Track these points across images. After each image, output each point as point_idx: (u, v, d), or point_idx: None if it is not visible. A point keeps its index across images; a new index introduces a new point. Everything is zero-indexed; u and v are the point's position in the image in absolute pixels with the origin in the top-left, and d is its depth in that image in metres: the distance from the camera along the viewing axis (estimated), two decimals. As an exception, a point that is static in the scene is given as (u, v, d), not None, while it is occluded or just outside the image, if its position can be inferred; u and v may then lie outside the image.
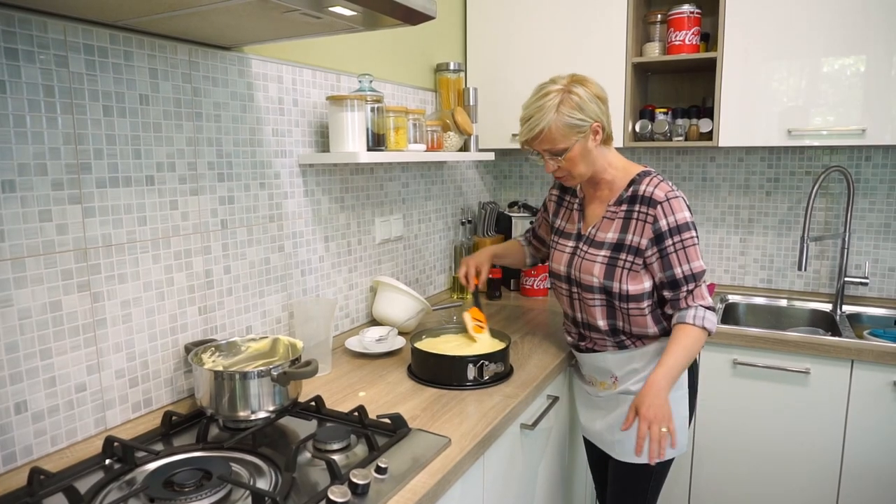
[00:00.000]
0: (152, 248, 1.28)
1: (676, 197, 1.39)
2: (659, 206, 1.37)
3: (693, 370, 1.52)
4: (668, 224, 1.37)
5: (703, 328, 1.38)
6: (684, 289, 1.39)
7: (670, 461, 1.53)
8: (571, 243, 1.54)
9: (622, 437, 1.50)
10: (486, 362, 1.44)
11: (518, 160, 2.80)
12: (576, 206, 1.57)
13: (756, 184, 2.38)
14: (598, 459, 1.74)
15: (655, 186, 1.40)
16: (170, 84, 1.29)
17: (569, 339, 1.65)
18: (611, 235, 1.45)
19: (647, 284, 1.42)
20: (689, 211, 1.40)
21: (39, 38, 1.06)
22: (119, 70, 1.19)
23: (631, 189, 1.43)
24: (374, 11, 1.08)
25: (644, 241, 1.39)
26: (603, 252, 1.45)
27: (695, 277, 1.39)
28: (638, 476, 1.52)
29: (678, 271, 1.38)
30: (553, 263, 1.58)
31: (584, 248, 1.49)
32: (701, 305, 1.39)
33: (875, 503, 1.81)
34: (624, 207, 1.44)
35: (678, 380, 1.43)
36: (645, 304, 1.44)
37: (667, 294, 1.42)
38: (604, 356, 1.53)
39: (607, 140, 1.45)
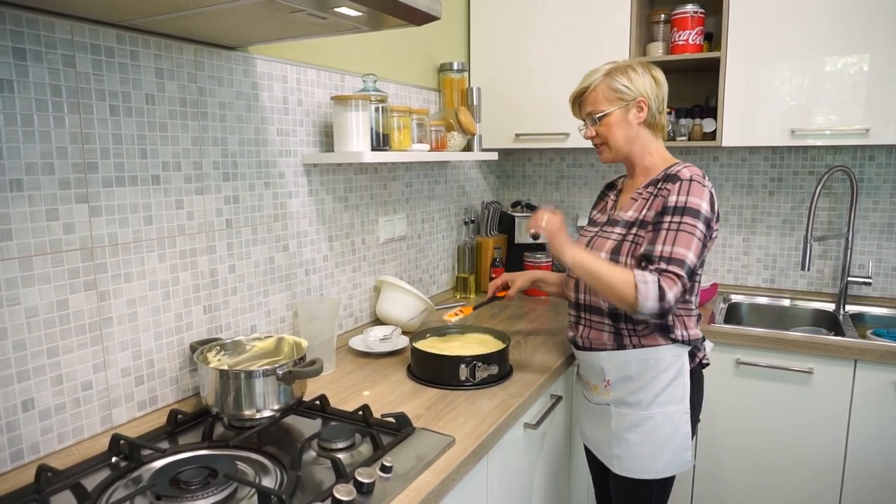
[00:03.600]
0: (158, 247, 1.29)
1: (702, 185, 1.32)
2: (678, 183, 1.32)
3: (697, 385, 1.46)
4: (676, 201, 1.31)
5: (636, 285, 1.24)
6: (653, 267, 1.27)
7: (673, 477, 1.47)
8: (596, 228, 1.51)
9: (621, 451, 1.46)
10: (479, 363, 1.43)
11: (521, 160, 2.80)
12: (612, 196, 1.56)
13: (759, 183, 2.38)
14: (598, 466, 1.66)
15: (687, 168, 1.36)
16: (175, 84, 1.29)
17: (569, 333, 1.57)
18: (630, 214, 1.42)
19: None
20: (711, 205, 1.32)
21: (47, 37, 1.07)
22: (125, 70, 1.19)
23: (665, 172, 1.40)
24: (379, 12, 1.08)
25: (652, 214, 1.35)
26: (618, 229, 1.42)
27: (670, 261, 1.26)
28: (640, 491, 1.48)
29: (658, 248, 1.28)
30: None
31: (606, 228, 1.47)
32: (658, 281, 1.24)
33: (878, 503, 1.81)
34: (651, 189, 1.40)
35: (676, 392, 1.40)
36: None
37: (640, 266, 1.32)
38: (599, 356, 1.46)
39: (654, 126, 1.43)
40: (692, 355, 1.43)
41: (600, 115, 1.41)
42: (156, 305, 1.30)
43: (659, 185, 1.38)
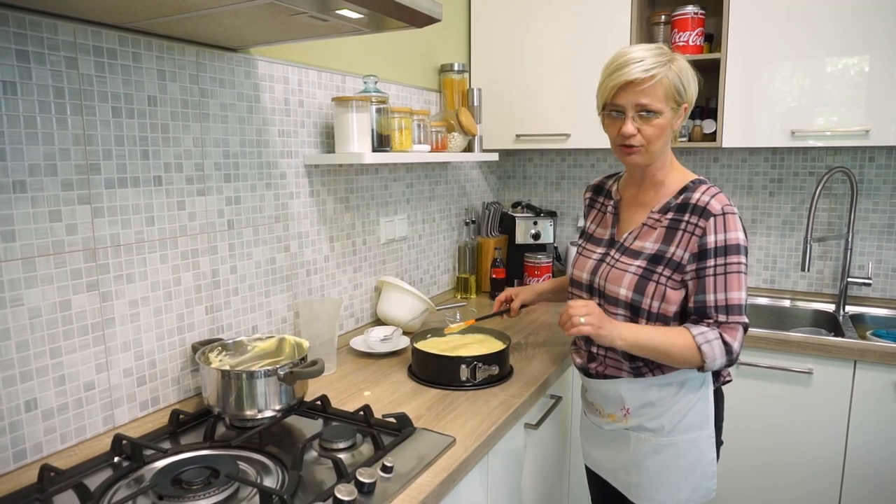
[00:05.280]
0: (160, 247, 1.29)
1: (734, 213, 1.22)
2: (712, 219, 1.20)
3: (719, 404, 1.36)
4: (716, 241, 1.20)
5: (699, 349, 1.19)
6: (712, 319, 1.21)
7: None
8: (601, 250, 1.38)
9: (640, 480, 1.34)
10: (480, 364, 1.44)
11: (522, 160, 2.81)
12: (610, 208, 1.41)
13: (759, 184, 2.38)
14: (602, 489, 1.51)
15: (712, 196, 1.23)
16: (177, 85, 1.30)
17: (577, 360, 1.45)
18: (650, 245, 1.27)
19: (679, 306, 1.26)
20: (745, 232, 1.23)
21: (50, 39, 1.07)
22: (128, 71, 1.20)
23: (682, 196, 1.26)
24: (380, 14, 1.09)
25: (687, 256, 1.23)
26: (638, 262, 1.28)
27: (728, 309, 1.20)
28: None
29: (710, 298, 1.21)
30: (575, 270, 1.42)
31: (616, 255, 1.33)
32: (721, 335, 1.20)
33: (877, 503, 1.81)
34: (670, 216, 1.27)
35: (700, 417, 1.30)
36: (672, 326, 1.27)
37: (693, 320, 1.26)
38: (616, 384, 1.33)
39: (673, 135, 1.30)
40: (716, 375, 1.34)
41: (655, 112, 1.22)
42: (158, 306, 1.30)
43: (685, 217, 1.24)
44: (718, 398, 1.37)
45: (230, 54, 1.41)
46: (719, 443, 1.38)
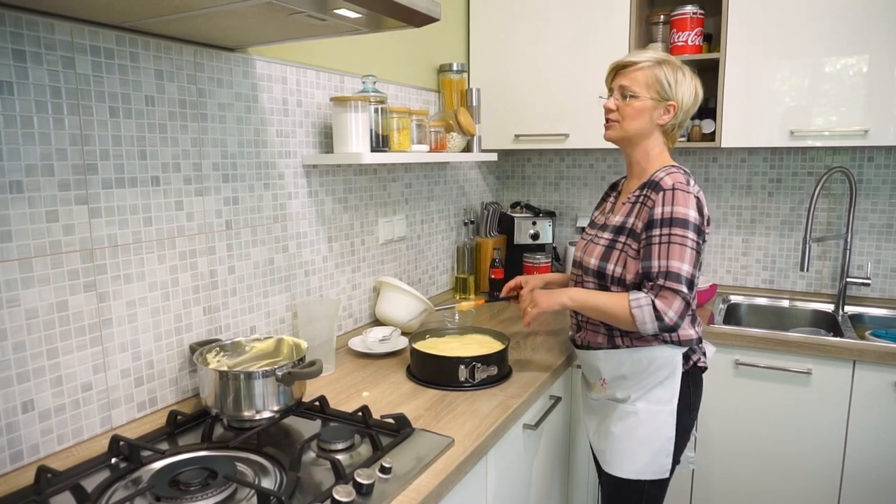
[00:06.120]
0: (157, 248, 1.29)
1: (686, 192, 1.31)
2: (661, 193, 1.31)
3: (694, 389, 1.45)
4: (662, 213, 1.30)
5: (630, 312, 1.30)
6: (650, 283, 1.31)
7: (662, 482, 1.44)
8: (594, 232, 1.51)
9: (605, 446, 1.45)
10: (478, 364, 1.44)
11: (521, 161, 2.81)
12: (611, 199, 1.55)
13: (758, 184, 2.38)
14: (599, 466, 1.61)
15: (669, 174, 1.34)
16: (175, 85, 1.30)
17: (569, 332, 1.60)
18: (618, 219, 1.42)
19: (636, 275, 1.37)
20: (698, 212, 1.31)
21: (47, 39, 1.07)
22: (125, 71, 1.19)
23: (649, 179, 1.39)
24: (379, 13, 1.08)
25: (640, 225, 1.35)
26: (606, 235, 1.43)
27: (668, 275, 1.28)
28: (626, 493, 1.45)
29: (654, 264, 1.30)
30: (575, 250, 1.56)
31: (599, 233, 1.47)
32: (653, 302, 1.29)
33: (877, 503, 1.81)
34: (636, 192, 1.40)
35: (665, 393, 1.39)
36: None
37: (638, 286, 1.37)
38: (595, 355, 1.46)
39: (670, 134, 1.43)
40: (686, 357, 1.41)
41: (633, 95, 1.38)
42: (155, 306, 1.30)
43: (644, 192, 1.38)
44: (695, 382, 1.45)
45: (228, 54, 1.41)
46: (690, 426, 1.46)
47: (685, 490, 2.07)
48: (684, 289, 1.28)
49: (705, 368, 1.46)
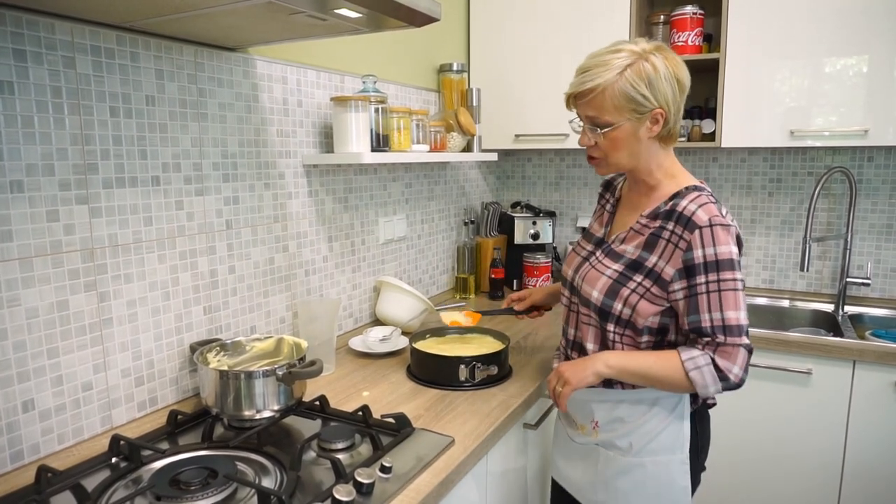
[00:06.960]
0: (158, 248, 1.29)
1: (725, 225, 1.10)
2: (698, 232, 1.10)
3: (701, 428, 1.27)
4: (703, 256, 1.10)
5: (687, 375, 1.11)
6: (710, 339, 1.11)
7: None
8: (590, 247, 1.32)
9: (608, 498, 1.26)
10: (478, 364, 1.43)
11: (521, 160, 2.81)
12: (609, 206, 1.35)
13: (758, 184, 2.38)
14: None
15: (700, 206, 1.12)
16: (175, 85, 1.30)
17: (555, 363, 1.40)
18: (631, 250, 1.20)
19: (656, 319, 1.17)
20: (738, 246, 1.12)
21: (47, 39, 1.07)
22: (125, 71, 1.20)
23: (671, 203, 1.16)
24: (379, 13, 1.08)
25: (669, 270, 1.14)
26: (615, 266, 1.21)
27: (725, 330, 1.10)
28: None
29: (705, 318, 1.11)
30: (565, 265, 1.37)
31: (600, 256, 1.26)
32: (714, 360, 1.10)
33: (876, 503, 1.81)
34: (657, 223, 1.17)
35: (673, 440, 1.21)
36: (643, 338, 1.19)
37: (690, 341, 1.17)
38: (587, 393, 1.26)
39: (668, 138, 1.19)
40: (694, 396, 1.23)
41: (606, 125, 1.16)
42: (156, 306, 1.30)
43: (669, 226, 1.15)
44: (702, 422, 1.28)
45: (228, 54, 1.41)
46: (700, 469, 1.29)
47: (685, 490, 2.07)
48: (745, 339, 1.11)
49: (714, 405, 1.30)
